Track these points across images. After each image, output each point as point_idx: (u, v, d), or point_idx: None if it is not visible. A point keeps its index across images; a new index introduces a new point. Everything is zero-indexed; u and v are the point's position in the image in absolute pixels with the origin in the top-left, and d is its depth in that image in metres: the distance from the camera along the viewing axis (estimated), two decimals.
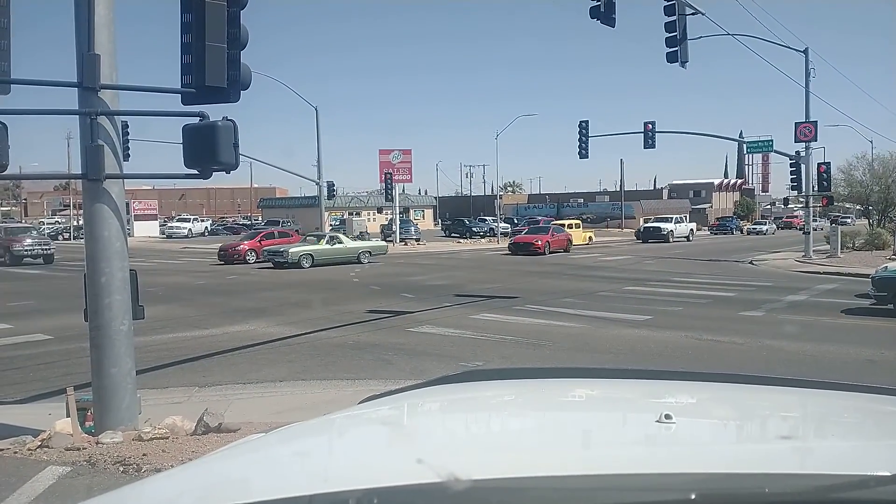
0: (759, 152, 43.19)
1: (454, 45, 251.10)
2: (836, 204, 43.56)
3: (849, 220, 61.33)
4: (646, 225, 53.65)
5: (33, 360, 10.69)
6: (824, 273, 24.37)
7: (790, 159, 31.61)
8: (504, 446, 1.57)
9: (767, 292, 18.63)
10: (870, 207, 43.03)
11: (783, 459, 1.38)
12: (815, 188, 31.36)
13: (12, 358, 10.86)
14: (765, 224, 70.81)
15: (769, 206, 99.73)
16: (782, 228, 72.44)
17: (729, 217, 78.98)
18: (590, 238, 46.62)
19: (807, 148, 30.79)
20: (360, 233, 46.53)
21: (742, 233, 65.32)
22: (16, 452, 5.87)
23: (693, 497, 1.07)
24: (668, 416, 1.47)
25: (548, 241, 36.20)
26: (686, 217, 60.12)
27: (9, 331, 13.37)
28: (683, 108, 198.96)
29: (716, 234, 66.10)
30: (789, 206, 57.10)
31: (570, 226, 43.63)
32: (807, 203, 32.78)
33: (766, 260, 30.83)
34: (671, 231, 50.35)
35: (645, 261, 31.24)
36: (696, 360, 10.41)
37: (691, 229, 53.72)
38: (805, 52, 30.08)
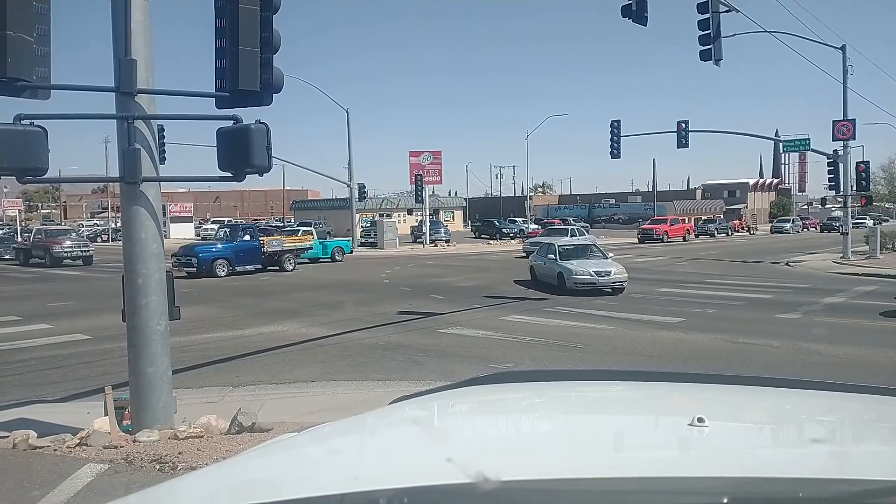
0: (795, 151, 42.35)
1: (484, 48, 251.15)
2: (875, 203, 42.38)
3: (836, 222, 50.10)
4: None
5: (72, 359, 10.93)
6: (863, 275, 23.83)
7: (828, 158, 30.94)
8: (534, 448, 1.57)
9: (804, 294, 18.28)
10: None
11: (818, 464, 1.36)
12: (854, 188, 30.65)
13: (52, 357, 11.12)
14: (788, 222, 60.51)
15: (806, 207, 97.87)
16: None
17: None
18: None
19: (845, 146, 30.09)
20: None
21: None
22: (56, 450, 6.00)
23: (725, 501, 1.06)
24: (700, 420, 1.45)
25: None
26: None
27: (49, 331, 13.69)
28: (716, 108, 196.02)
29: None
30: (826, 206, 55.47)
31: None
32: (845, 203, 32.02)
33: (802, 261, 30.25)
34: None
35: (679, 262, 30.88)
36: (731, 363, 10.25)
37: None
38: (843, 48, 29.46)
